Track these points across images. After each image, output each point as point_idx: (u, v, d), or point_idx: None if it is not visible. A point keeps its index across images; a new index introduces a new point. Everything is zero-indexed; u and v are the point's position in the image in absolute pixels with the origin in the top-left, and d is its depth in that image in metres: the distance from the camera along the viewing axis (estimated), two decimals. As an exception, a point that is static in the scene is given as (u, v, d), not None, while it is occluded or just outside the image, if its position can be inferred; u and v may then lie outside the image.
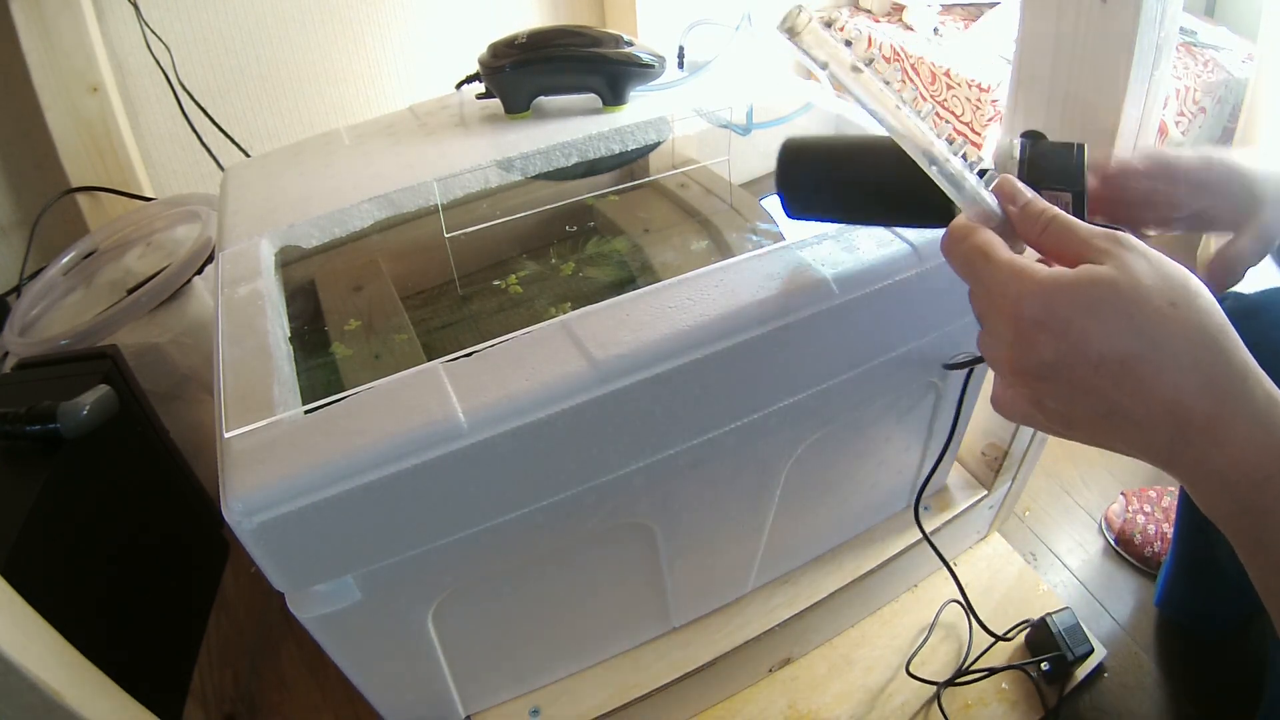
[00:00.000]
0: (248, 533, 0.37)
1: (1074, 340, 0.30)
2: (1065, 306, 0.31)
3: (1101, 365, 0.30)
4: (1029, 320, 0.31)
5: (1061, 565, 0.84)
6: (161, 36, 1.01)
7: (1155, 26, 0.45)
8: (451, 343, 0.59)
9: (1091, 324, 0.30)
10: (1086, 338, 0.30)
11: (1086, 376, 0.31)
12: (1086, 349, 0.30)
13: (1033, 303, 0.31)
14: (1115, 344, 0.30)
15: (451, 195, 0.62)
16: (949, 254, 0.36)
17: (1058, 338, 0.31)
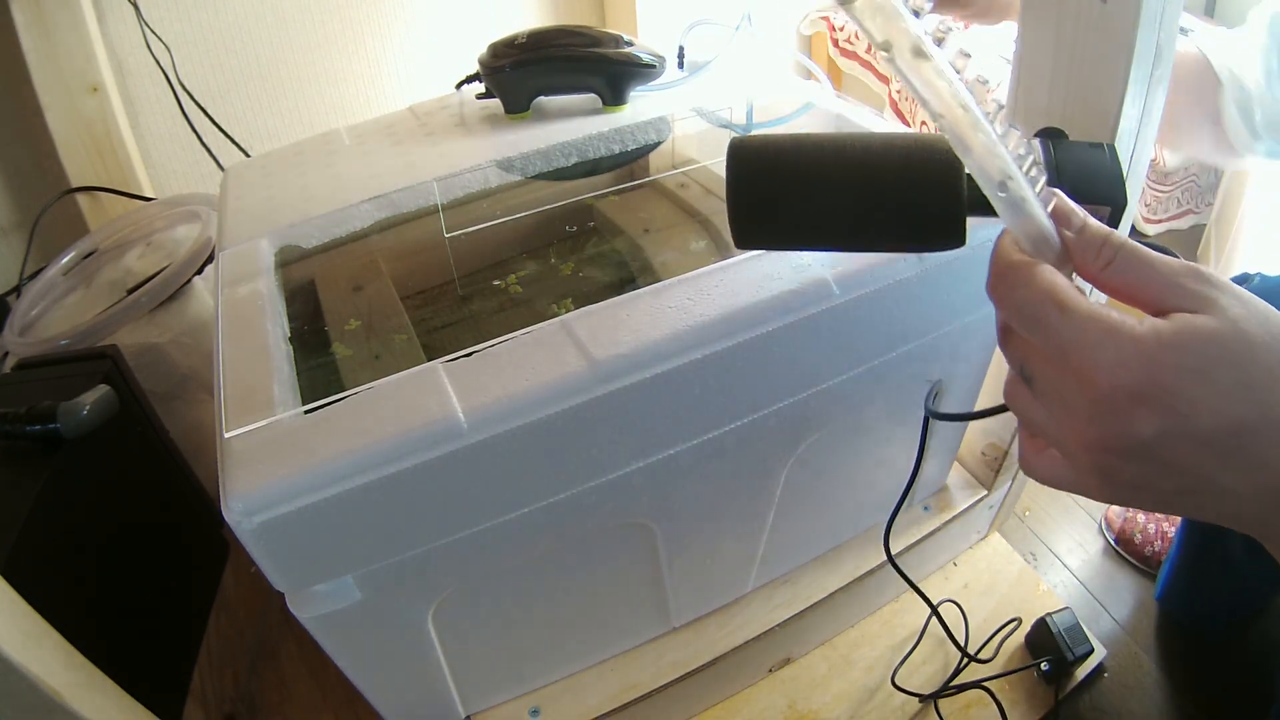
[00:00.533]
0: (248, 533, 0.37)
1: (1182, 413, 0.25)
2: (1172, 373, 0.25)
3: (1210, 441, 0.25)
4: (1126, 392, 0.25)
5: (1061, 565, 0.84)
6: (161, 36, 1.00)
7: (1155, 26, 0.45)
8: (451, 343, 0.59)
9: (1203, 392, 0.25)
10: (1196, 410, 0.25)
11: (1188, 454, 0.26)
12: (1196, 424, 0.25)
13: (1133, 369, 0.25)
14: (1228, 415, 0.25)
15: (451, 195, 0.62)
16: (1004, 298, 0.29)
17: (1162, 413, 0.25)
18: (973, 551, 0.80)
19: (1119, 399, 0.26)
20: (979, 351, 0.61)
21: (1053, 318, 0.27)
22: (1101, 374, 0.26)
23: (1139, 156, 0.51)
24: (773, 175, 0.33)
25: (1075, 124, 0.51)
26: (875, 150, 0.32)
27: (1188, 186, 1.35)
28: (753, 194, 0.34)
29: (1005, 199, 0.28)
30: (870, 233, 0.34)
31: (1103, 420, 0.26)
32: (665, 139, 0.70)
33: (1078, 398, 0.27)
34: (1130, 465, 0.27)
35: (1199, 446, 0.25)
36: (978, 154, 0.27)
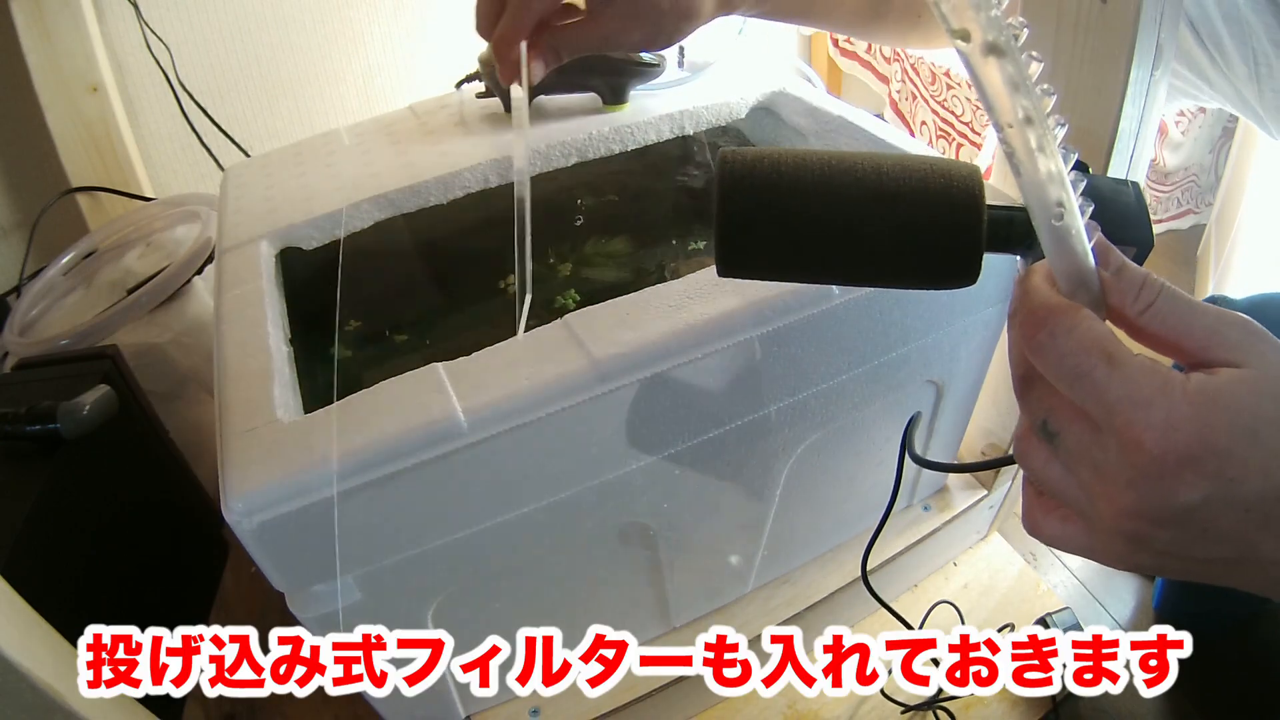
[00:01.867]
0: (248, 533, 0.37)
1: (1230, 478, 0.23)
2: (1225, 435, 0.23)
3: (1257, 506, 0.23)
4: (1177, 455, 0.23)
5: (1061, 565, 0.84)
6: (161, 36, 1.00)
7: (1155, 26, 0.45)
8: (451, 342, 0.59)
9: (1254, 454, 0.23)
10: (1246, 473, 0.23)
11: (1232, 521, 0.24)
12: (1244, 489, 0.23)
13: (1185, 431, 0.23)
14: (1277, 478, 0.23)
15: (451, 195, 0.62)
16: (1043, 346, 0.25)
17: (1212, 478, 0.23)
18: (973, 551, 0.80)
19: (1169, 462, 0.23)
20: (979, 352, 0.61)
21: (1100, 372, 0.24)
22: (1151, 435, 0.23)
23: (1139, 156, 0.51)
24: (770, 195, 0.28)
25: (1075, 124, 0.51)
26: (890, 174, 0.28)
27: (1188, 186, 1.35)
28: (744, 216, 0.29)
29: (1058, 229, 0.25)
30: (875, 268, 0.30)
31: (1146, 486, 0.24)
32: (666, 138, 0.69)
33: (1118, 460, 0.24)
34: (1166, 533, 0.24)
35: (1244, 513, 0.23)
36: (1037, 176, 0.24)
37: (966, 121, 1.21)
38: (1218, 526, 0.24)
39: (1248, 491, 0.23)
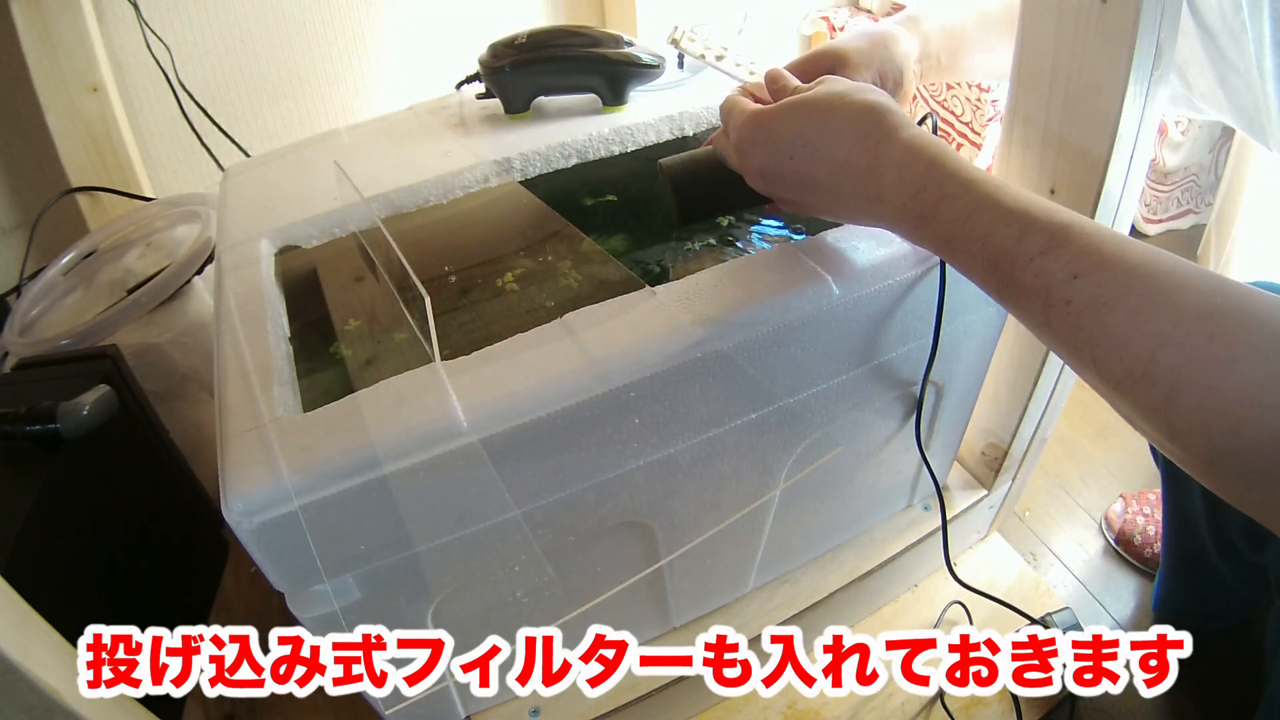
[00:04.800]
0: (248, 533, 0.37)
1: (775, 140, 0.43)
2: (770, 120, 0.44)
3: (792, 149, 0.43)
4: (748, 139, 0.45)
5: (1061, 565, 0.84)
6: (161, 36, 1.01)
7: (1155, 26, 0.45)
8: (451, 342, 0.59)
9: (782, 125, 0.43)
10: (779, 134, 0.43)
11: (785, 163, 0.43)
12: (780, 142, 0.43)
13: (751, 124, 0.44)
14: (797, 131, 0.42)
15: (451, 195, 0.62)
16: (724, 113, 0.48)
17: (765, 144, 0.44)
18: (973, 551, 0.80)
19: (744, 142, 0.45)
20: (979, 352, 0.61)
21: (732, 112, 0.47)
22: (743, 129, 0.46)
23: (1139, 156, 0.51)
24: (692, 179, 0.52)
25: (1075, 124, 0.51)
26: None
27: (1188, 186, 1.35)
28: (684, 192, 0.52)
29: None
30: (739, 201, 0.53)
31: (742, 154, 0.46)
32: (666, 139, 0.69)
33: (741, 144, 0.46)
34: (768, 181, 0.45)
35: (787, 158, 0.43)
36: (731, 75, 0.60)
37: (966, 121, 1.21)
38: (783, 166, 0.44)
39: (783, 141, 0.44)
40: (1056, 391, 0.65)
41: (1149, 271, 0.32)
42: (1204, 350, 0.30)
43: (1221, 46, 0.55)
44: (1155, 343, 0.31)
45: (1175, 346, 0.30)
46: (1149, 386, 0.31)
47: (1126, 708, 0.69)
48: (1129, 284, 0.32)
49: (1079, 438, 1.00)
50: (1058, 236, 0.34)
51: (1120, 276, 0.32)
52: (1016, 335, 0.63)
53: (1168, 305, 0.31)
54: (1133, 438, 0.99)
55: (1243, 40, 0.53)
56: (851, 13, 1.46)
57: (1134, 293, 0.32)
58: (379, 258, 0.54)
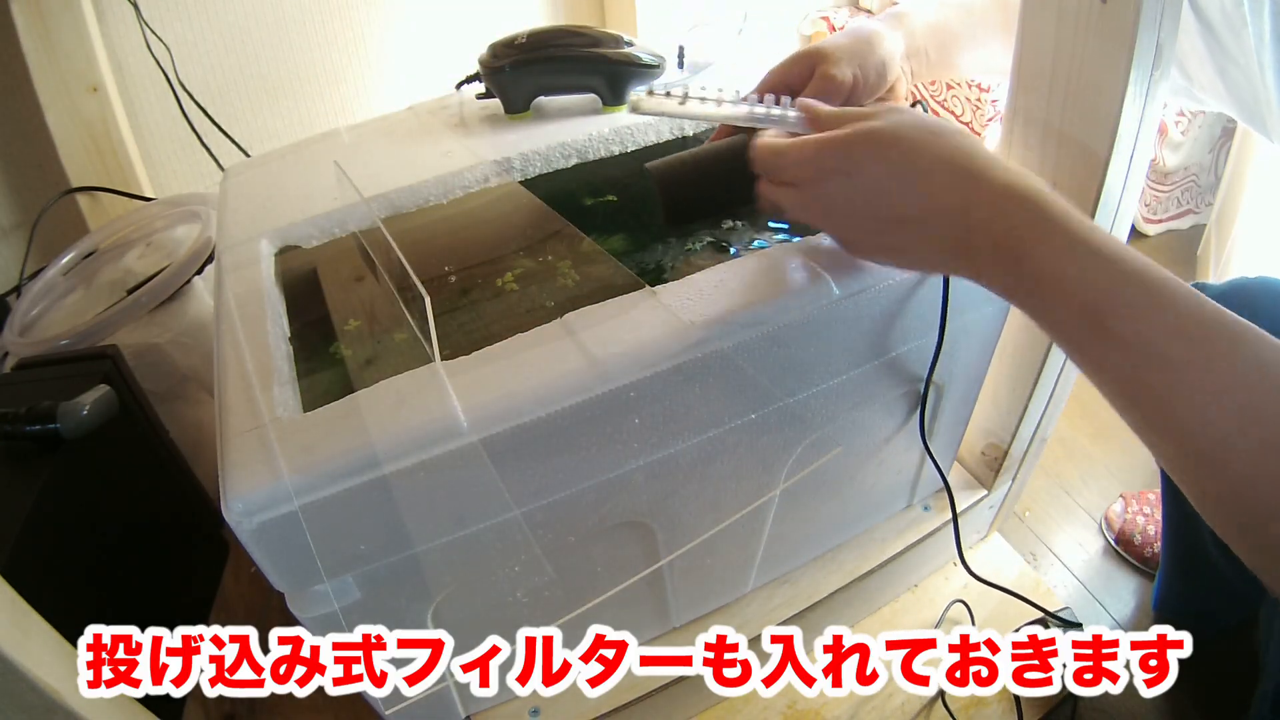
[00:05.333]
0: (248, 533, 0.37)
1: (855, 172, 0.41)
2: (848, 151, 0.41)
3: (876, 184, 0.40)
4: (820, 171, 0.42)
5: (1061, 565, 0.84)
6: (161, 37, 1.01)
7: (1155, 26, 0.45)
8: (451, 342, 0.59)
9: (863, 158, 0.40)
10: (860, 167, 0.41)
11: (864, 198, 0.41)
12: (860, 175, 0.41)
13: (823, 153, 0.42)
14: (882, 168, 0.40)
15: (451, 195, 0.62)
16: (768, 158, 0.45)
17: (841, 176, 0.41)
18: (973, 551, 0.80)
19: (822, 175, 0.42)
20: (978, 352, 0.61)
21: (777, 152, 0.45)
22: (811, 162, 0.43)
23: (1139, 156, 0.51)
24: (679, 181, 0.52)
25: (1075, 124, 0.51)
26: (736, 148, 0.51)
27: (1188, 186, 1.35)
28: (671, 195, 0.53)
29: (765, 118, 0.49)
30: (729, 203, 0.56)
31: (817, 190, 0.43)
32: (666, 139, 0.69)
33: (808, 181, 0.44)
34: (838, 219, 0.44)
35: (874, 194, 0.41)
36: (733, 117, 0.49)
37: (966, 121, 1.21)
38: (864, 203, 0.41)
39: (867, 178, 0.41)
40: (1056, 391, 0.65)
41: (1251, 339, 0.32)
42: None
43: (1221, 39, 0.56)
44: (1248, 417, 0.31)
45: (1264, 424, 0.31)
46: (1229, 459, 0.31)
47: (1126, 708, 0.69)
48: (1232, 349, 0.32)
49: (1079, 438, 1.00)
50: (1162, 292, 0.34)
51: (1224, 342, 0.32)
52: (1016, 335, 0.63)
53: (1261, 378, 0.31)
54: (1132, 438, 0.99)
55: (1242, 34, 0.53)
56: (851, 12, 1.46)
57: (1234, 358, 0.32)
58: (379, 258, 0.54)
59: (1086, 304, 0.35)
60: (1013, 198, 0.37)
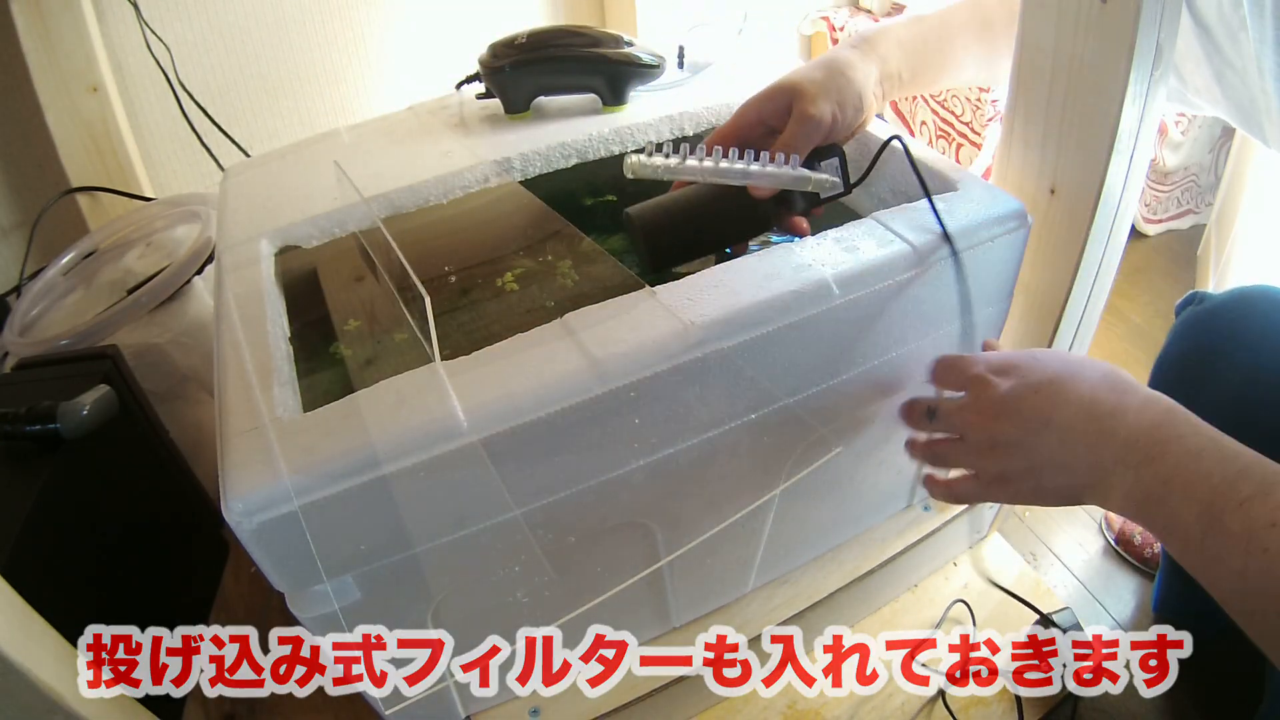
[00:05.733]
0: (248, 533, 0.37)
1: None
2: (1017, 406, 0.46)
3: (1046, 453, 0.44)
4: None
5: (1061, 565, 0.84)
6: (161, 36, 1.00)
7: (1155, 26, 0.45)
8: (451, 342, 0.59)
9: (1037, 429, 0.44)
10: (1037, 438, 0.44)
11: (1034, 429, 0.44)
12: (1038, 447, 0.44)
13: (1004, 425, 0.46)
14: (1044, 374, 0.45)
15: (451, 195, 0.62)
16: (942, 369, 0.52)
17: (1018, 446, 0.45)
18: (973, 551, 0.80)
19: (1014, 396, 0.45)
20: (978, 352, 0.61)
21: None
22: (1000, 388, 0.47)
23: (1139, 156, 0.51)
24: (659, 229, 0.53)
25: (1075, 124, 0.51)
26: (723, 193, 0.53)
27: (1188, 186, 1.35)
28: (653, 242, 0.54)
29: (791, 178, 0.53)
30: (734, 236, 0.57)
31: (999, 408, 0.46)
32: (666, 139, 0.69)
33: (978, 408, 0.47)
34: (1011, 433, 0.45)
35: (1033, 393, 0.44)
36: (757, 175, 0.52)
37: (966, 121, 1.21)
38: (1035, 447, 0.44)
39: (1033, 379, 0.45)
40: (1056, 391, 0.65)
41: None
42: None
43: (1218, 43, 0.56)
44: None
45: None
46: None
47: (1126, 708, 0.69)
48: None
49: (1079, 438, 1.00)
50: (1268, 484, 0.35)
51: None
52: (1016, 335, 0.63)
53: None
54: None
55: (1240, 37, 0.53)
56: (852, 13, 1.46)
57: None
58: (379, 258, 0.54)
59: (1205, 500, 0.37)
60: (1158, 405, 0.41)
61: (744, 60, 0.77)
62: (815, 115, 0.54)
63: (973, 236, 0.51)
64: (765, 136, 0.58)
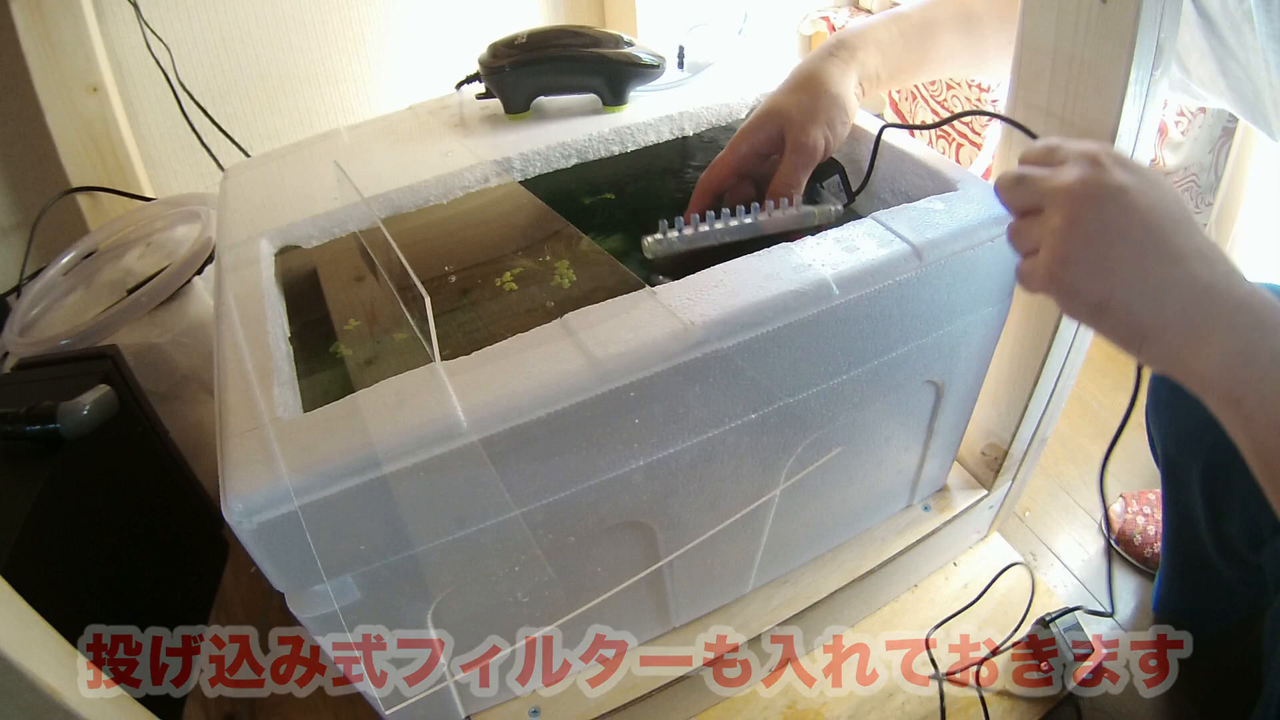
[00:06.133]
0: (248, 533, 0.37)
1: (1149, 178, 0.39)
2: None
3: (1154, 209, 0.38)
4: (1109, 153, 0.40)
5: (1061, 565, 0.84)
6: (161, 37, 1.00)
7: (1155, 26, 0.45)
8: (451, 342, 0.59)
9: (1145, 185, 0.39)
10: (1155, 184, 0.39)
11: (1139, 216, 0.38)
12: (1150, 194, 0.39)
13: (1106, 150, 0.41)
14: (1164, 208, 0.39)
15: (451, 195, 0.62)
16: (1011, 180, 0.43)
17: (1135, 171, 0.39)
18: (973, 551, 0.80)
19: (1105, 155, 0.39)
20: (979, 352, 0.61)
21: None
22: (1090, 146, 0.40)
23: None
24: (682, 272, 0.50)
25: (1075, 123, 0.51)
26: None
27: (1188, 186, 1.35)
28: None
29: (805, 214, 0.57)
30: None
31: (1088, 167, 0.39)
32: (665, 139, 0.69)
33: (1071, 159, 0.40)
34: (1096, 211, 0.38)
35: (1146, 212, 0.38)
36: (781, 221, 0.57)
37: (966, 122, 1.21)
38: (1130, 222, 0.38)
39: (1152, 195, 0.38)
40: (1056, 391, 0.65)
41: None
42: None
43: (1222, 35, 0.56)
44: None
45: None
46: None
47: (1126, 708, 0.69)
48: None
49: (1079, 438, 1.00)
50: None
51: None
52: (1016, 335, 0.63)
53: None
54: (1132, 437, 0.99)
55: (1244, 30, 0.53)
56: (852, 13, 1.46)
57: None
58: (379, 258, 0.54)
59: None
60: (1257, 289, 0.38)
61: (744, 60, 0.77)
62: (809, 144, 0.56)
63: (973, 236, 0.51)
64: (760, 163, 0.60)
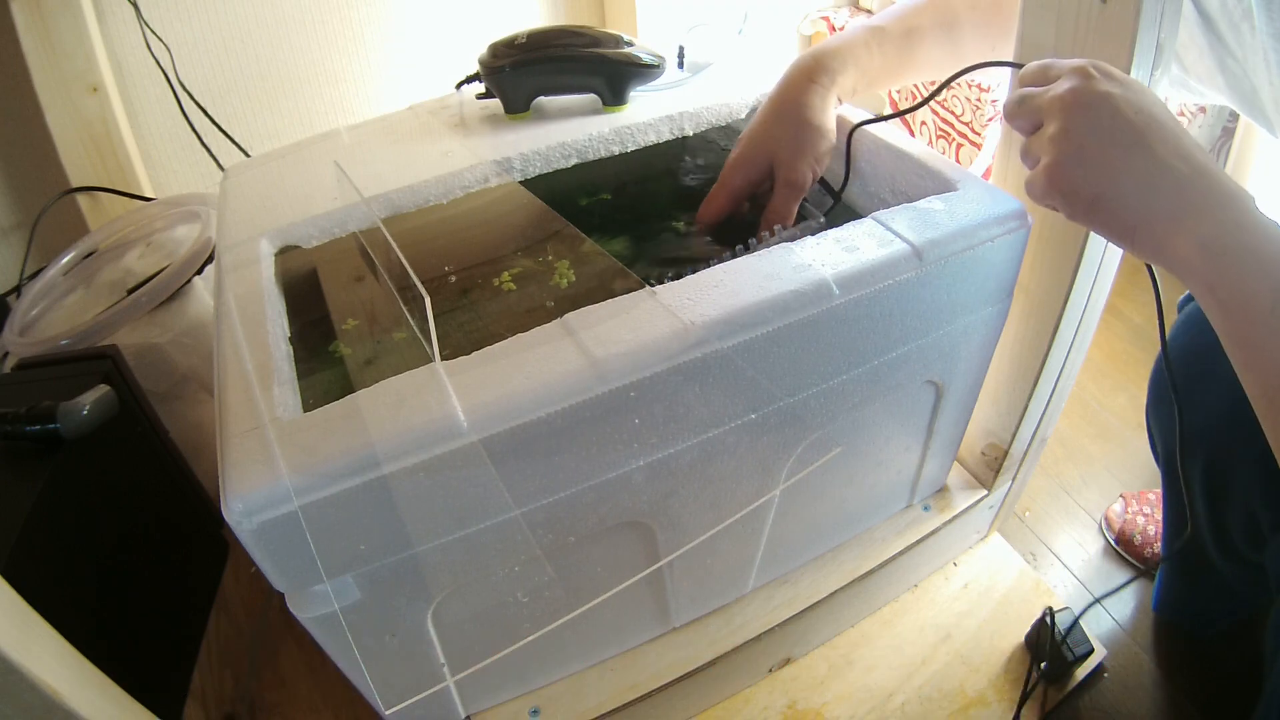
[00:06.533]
0: (247, 533, 0.37)
1: (1134, 88, 0.41)
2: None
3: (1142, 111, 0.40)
4: (1099, 67, 0.42)
5: (1061, 565, 0.84)
6: (161, 37, 1.00)
7: (1155, 26, 0.45)
8: (451, 342, 0.59)
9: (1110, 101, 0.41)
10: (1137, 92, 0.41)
11: (1127, 119, 0.40)
12: (1131, 100, 0.41)
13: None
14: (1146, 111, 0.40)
15: (451, 195, 0.62)
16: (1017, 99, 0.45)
17: (1121, 82, 0.41)
18: (973, 551, 0.80)
19: (1093, 67, 0.41)
20: (979, 352, 0.61)
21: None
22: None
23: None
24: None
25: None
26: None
27: (1188, 186, 1.35)
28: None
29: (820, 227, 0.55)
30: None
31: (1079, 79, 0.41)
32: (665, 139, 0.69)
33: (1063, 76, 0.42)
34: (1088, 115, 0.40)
35: (1135, 113, 0.40)
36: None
37: (966, 122, 1.21)
38: (1119, 122, 0.40)
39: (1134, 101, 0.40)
40: (1056, 391, 0.65)
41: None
42: None
43: (1220, 33, 0.56)
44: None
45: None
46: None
47: (1126, 708, 0.69)
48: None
49: (1079, 438, 1.00)
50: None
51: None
52: (1016, 335, 0.63)
53: None
54: (1132, 437, 0.99)
55: (1242, 28, 0.53)
56: (852, 13, 1.46)
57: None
58: (379, 258, 0.54)
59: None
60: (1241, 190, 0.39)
61: (744, 60, 0.77)
62: (799, 180, 0.60)
63: (973, 236, 0.51)
64: (753, 190, 0.64)
